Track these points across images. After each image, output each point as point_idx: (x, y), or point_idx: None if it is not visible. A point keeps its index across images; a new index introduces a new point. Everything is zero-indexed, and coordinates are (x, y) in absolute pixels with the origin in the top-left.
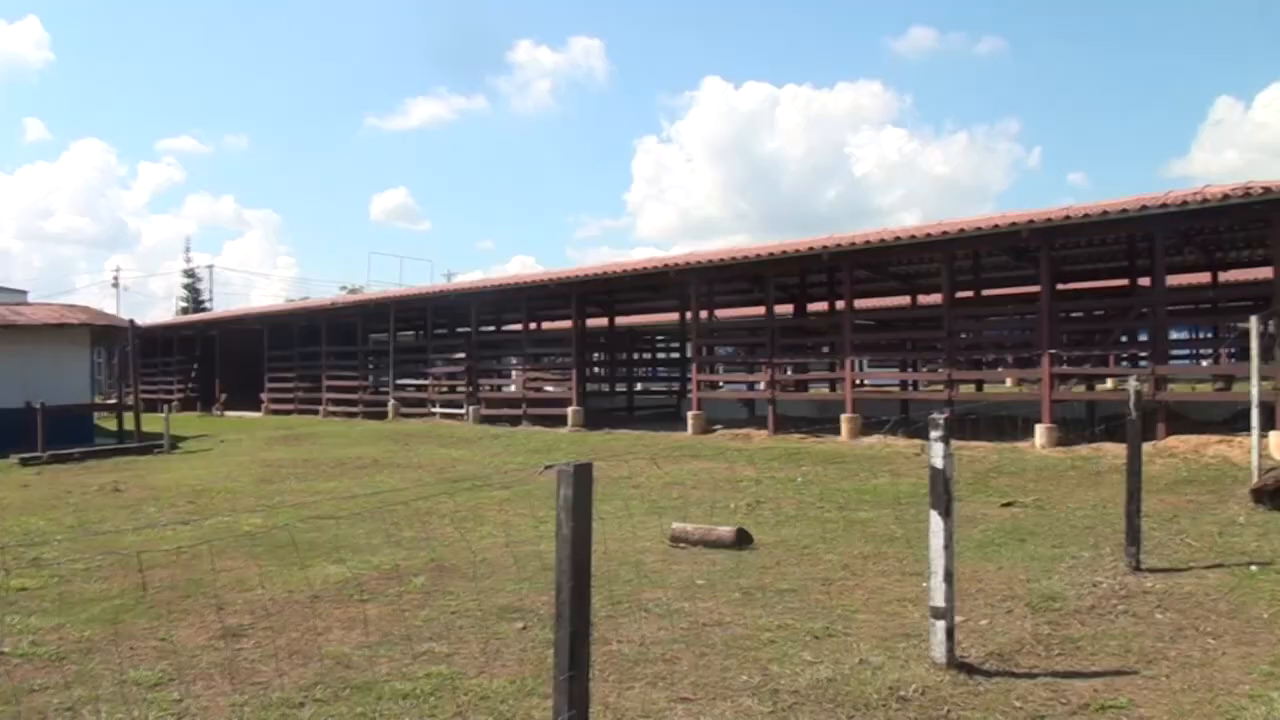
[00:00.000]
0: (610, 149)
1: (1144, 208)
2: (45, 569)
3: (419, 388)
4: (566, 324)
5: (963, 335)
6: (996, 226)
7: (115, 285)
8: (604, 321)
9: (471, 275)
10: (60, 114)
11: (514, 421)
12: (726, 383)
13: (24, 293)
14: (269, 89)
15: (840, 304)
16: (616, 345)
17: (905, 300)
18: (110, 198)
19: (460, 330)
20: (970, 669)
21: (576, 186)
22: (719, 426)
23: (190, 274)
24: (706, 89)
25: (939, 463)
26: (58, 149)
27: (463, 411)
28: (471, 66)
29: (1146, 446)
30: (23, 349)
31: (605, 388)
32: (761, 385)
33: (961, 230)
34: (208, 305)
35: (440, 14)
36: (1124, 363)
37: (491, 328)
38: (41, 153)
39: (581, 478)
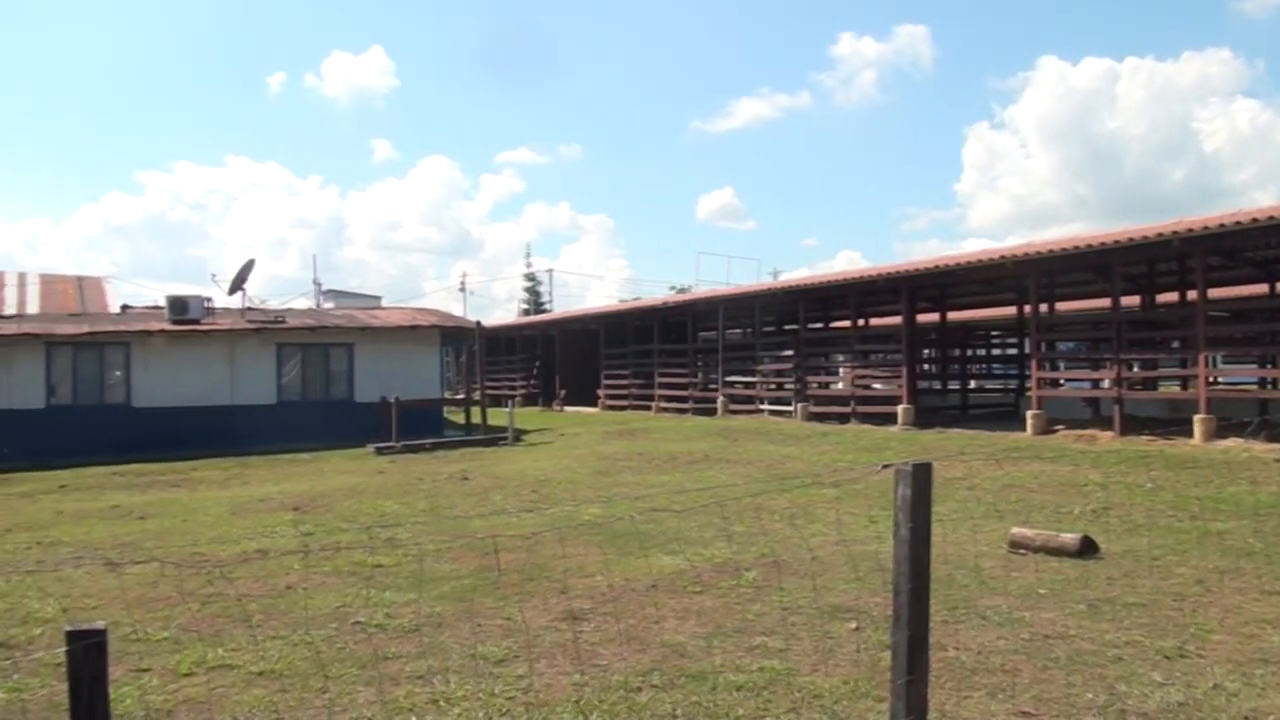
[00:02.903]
0: (939, 138)
1: None
2: (399, 549)
3: (747, 385)
4: (895, 320)
5: None
6: None
7: (461, 289)
8: (935, 317)
9: (797, 272)
10: (406, 134)
11: (842, 419)
12: (1068, 380)
13: (378, 298)
14: (599, 100)
15: (1192, 294)
16: (948, 341)
17: (1263, 289)
18: (455, 209)
19: (787, 328)
20: None
21: (903, 178)
22: (1060, 426)
23: (530, 277)
24: (1041, 69)
25: None
26: (405, 166)
27: (790, 408)
28: (794, 63)
29: None
30: (379, 348)
31: (936, 385)
32: (1106, 383)
33: None
34: (547, 306)
35: (761, 13)
36: None
37: (819, 325)
38: (390, 170)
39: (920, 477)
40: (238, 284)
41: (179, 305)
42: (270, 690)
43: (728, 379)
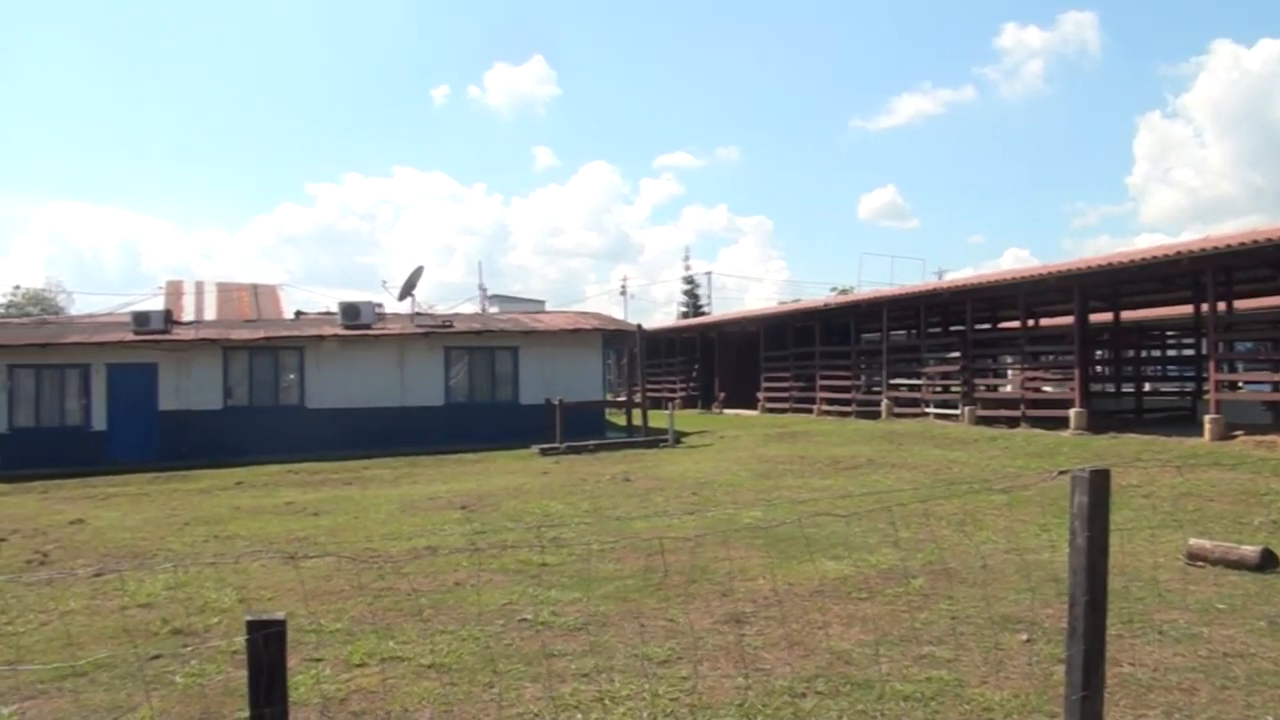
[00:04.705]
0: (1108, 129)
1: None
2: (564, 548)
3: (912, 387)
4: (1067, 320)
5: None
6: None
7: (622, 293)
8: (1107, 316)
9: (962, 272)
10: (567, 141)
11: (1011, 423)
12: (1247, 382)
13: (541, 302)
14: (756, 101)
15: None
16: (1122, 342)
17: None
18: (615, 213)
19: (954, 329)
20: None
21: (1072, 172)
22: (1239, 432)
23: (689, 280)
24: (1214, 53)
25: None
26: (567, 173)
27: (957, 412)
28: (957, 57)
29: None
30: (543, 351)
31: (1109, 388)
32: None
33: None
34: (705, 309)
35: (921, 7)
36: None
37: (986, 325)
38: (552, 177)
39: (1098, 484)
40: (407, 290)
41: (351, 311)
42: (440, 683)
43: (892, 381)
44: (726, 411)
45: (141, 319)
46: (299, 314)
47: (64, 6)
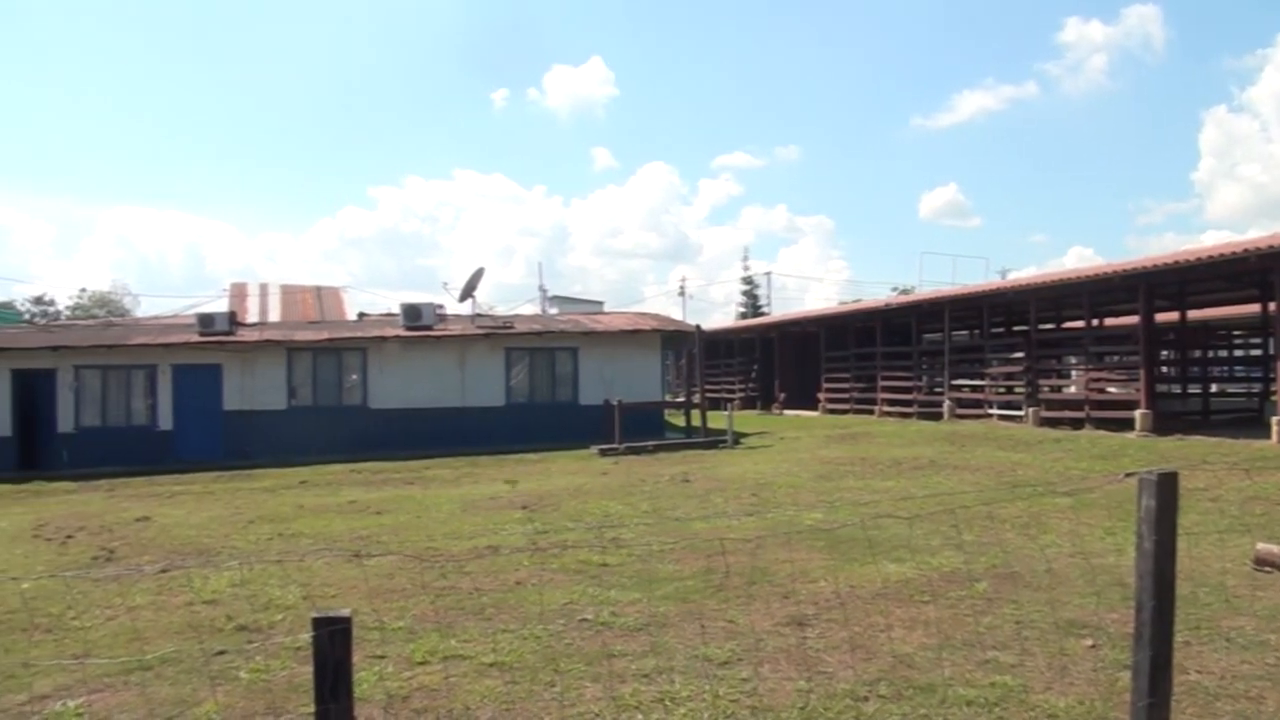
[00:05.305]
0: (1173, 124)
1: None
2: (624, 549)
3: (974, 388)
4: (1132, 319)
5: None
6: None
7: (680, 293)
8: (1173, 316)
9: (1025, 271)
10: (625, 142)
11: (1075, 424)
12: None
13: (600, 303)
14: (815, 100)
15: None
16: (1188, 342)
17: None
18: (673, 214)
19: (1017, 329)
20: None
21: (1136, 169)
22: None
23: (748, 281)
24: None
25: None
26: (625, 174)
27: (1021, 413)
28: (1019, 53)
29: None
30: (603, 352)
31: (1175, 389)
32: None
33: None
34: (765, 309)
35: (982, 2)
36: None
37: (1050, 325)
38: (610, 178)
39: (1166, 488)
40: (468, 291)
41: (413, 312)
42: (501, 681)
43: (954, 382)
44: (786, 412)
45: (206, 321)
46: (361, 315)
47: (130, 13)
